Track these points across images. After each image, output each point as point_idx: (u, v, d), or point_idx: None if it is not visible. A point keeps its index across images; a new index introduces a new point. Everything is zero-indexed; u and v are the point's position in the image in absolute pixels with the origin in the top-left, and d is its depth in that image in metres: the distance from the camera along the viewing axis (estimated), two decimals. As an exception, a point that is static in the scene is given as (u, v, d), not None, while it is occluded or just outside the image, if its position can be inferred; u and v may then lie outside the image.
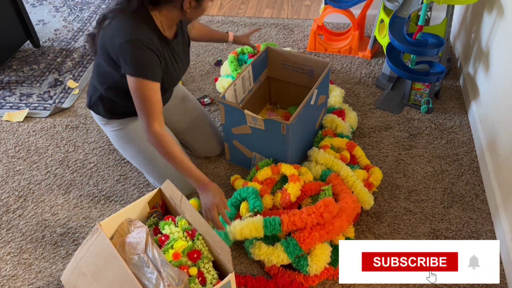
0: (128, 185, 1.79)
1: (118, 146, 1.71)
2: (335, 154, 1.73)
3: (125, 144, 1.67)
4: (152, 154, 1.63)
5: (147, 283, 1.18)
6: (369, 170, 1.73)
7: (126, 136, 1.66)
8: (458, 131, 1.95)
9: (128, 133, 1.65)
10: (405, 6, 1.95)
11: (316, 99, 1.71)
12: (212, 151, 1.87)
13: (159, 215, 1.45)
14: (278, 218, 1.43)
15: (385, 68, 2.19)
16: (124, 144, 1.67)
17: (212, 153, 1.87)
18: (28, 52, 2.58)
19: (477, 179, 1.75)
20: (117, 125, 1.65)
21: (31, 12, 2.95)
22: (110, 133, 1.69)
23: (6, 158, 1.93)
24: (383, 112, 2.06)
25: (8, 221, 1.67)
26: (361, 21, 2.42)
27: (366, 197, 1.57)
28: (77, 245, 1.57)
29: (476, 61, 2.02)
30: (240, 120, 1.65)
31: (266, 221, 1.42)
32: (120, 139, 1.67)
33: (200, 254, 1.29)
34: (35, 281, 1.48)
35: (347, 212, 1.47)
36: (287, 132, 1.57)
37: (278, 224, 1.42)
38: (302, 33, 2.63)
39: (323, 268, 1.41)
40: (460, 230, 1.57)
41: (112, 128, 1.67)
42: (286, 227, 1.42)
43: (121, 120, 1.65)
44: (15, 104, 2.22)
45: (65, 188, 1.79)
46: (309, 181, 1.63)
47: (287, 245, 1.41)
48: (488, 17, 1.93)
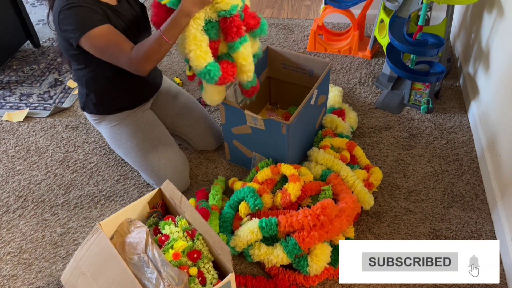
0: (128, 185, 1.79)
1: (112, 144, 1.74)
2: (335, 154, 1.73)
3: (118, 141, 1.70)
4: (145, 150, 1.66)
5: (147, 283, 1.18)
6: (369, 170, 1.73)
7: (118, 132, 1.69)
8: (458, 131, 1.95)
9: (120, 130, 1.68)
10: (405, 6, 1.95)
11: (316, 99, 1.71)
12: (210, 144, 1.87)
13: (159, 215, 1.45)
14: (275, 218, 1.43)
15: (385, 68, 2.19)
16: (118, 141, 1.70)
17: (210, 146, 1.88)
18: (28, 52, 2.59)
19: (477, 179, 1.75)
20: (108, 122, 1.69)
21: (31, 12, 2.95)
22: (104, 131, 1.73)
23: (6, 158, 1.93)
24: (383, 112, 2.06)
25: (8, 221, 1.67)
26: (361, 21, 2.42)
27: (366, 197, 1.57)
28: (77, 245, 1.57)
29: (476, 61, 2.02)
30: (240, 120, 1.65)
31: (262, 222, 1.43)
32: (113, 136, 1.70)
33: (200, 254, 1.29)
34: (35, 281, 1.48)
35: (347, 212, 1.47)
36: (287, 132, 1.57)
37: (274, 225, 1.42)
38: (302, 33, 2.63)
39: (323, 268, 1.41)
40: (460, 230, 1.57)
41: (105, 126, 1.70)
42: (283, 228, 1.42)
43: (112, 116, 1.68)
44: (15, 104, 2.22)
45: (65, 188, 1.79)
46: (309, 181, 1.63)
47: (286, 245, 1.41)
48: (488, 17, 1.93)
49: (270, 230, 1.42)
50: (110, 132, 1.70)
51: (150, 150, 1.66)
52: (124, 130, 1.68)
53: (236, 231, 1.48)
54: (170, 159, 1.68)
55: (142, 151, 1.66)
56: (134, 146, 1.67)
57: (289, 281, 1.42)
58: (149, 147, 1.66)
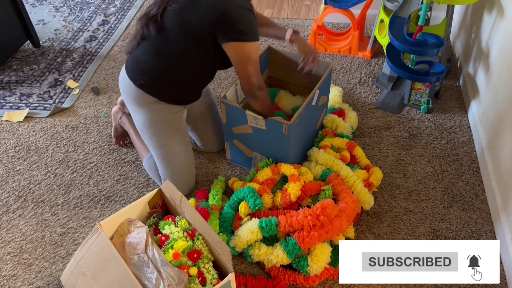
0: (128, 185, 1.79)
1: (145, 131, 1.63)
2: (335, 154, 1.72)
3: (156, 133, 1.61)
4: (175, 152, 1.64)
5: (147, 283, 1.18)
6: (369, 170, 1.73)
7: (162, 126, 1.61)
8: (458, 131, 1.95)
9: (165, 124, 1.61)
10: (405, 6, 1.95)
11: (317, 99, 1.71)
12: (215, 147, 1.88)
13: (159, 215, 1.45)
14: (275, 218, 1.43)
15: (385, 68, 2.19)
16: (158, 131, 1.61)
17: (214, 149, 1.88)
18: (28, 52, 2.58)
19: (477, 179, 1.75)
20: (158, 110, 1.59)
21: (31, 12, 2.95)
22: (146, 115, 1.59)
23: (6, 158, 1.93)
24: (383, 112, 2.06)
25: (8, 221, 1.67)
26: (361, 21, 2.42)
27: (366, 197, 1.57)
28: (77, 245, 1.57)
29: (476, 61, 2.02)
30: (241, 119, 1.65)
31: (262, 222, 1.43)
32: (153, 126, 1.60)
33: (200, 254, 1.29)
34: (35, 281, 1.48)
35: (347, 212, 1.47)
36: (289, 132, 1.57)
37: (274, 225, 1.42)
38: (302, 33, 2.63)
39: (323, 268, 1.41)
40: (460, 230, 1.57)
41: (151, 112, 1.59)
42: (283, 228, 1.42)
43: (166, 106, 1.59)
44: (15, 104, 2.22)
45: (65, 188, 1.79)
46: (309, 181, 1.63)
47: (286, 245, 1.41)
48: (488, 17, 1.93)
49: (270, 230, 1.42)
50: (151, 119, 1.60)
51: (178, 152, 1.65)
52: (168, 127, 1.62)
53: (236, 231, 1.48)
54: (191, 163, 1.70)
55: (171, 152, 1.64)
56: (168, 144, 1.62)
57: (289, 281, 1.42)
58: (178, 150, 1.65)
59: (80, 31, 2.77)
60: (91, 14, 2.94)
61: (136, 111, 1.61)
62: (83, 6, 3.02)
